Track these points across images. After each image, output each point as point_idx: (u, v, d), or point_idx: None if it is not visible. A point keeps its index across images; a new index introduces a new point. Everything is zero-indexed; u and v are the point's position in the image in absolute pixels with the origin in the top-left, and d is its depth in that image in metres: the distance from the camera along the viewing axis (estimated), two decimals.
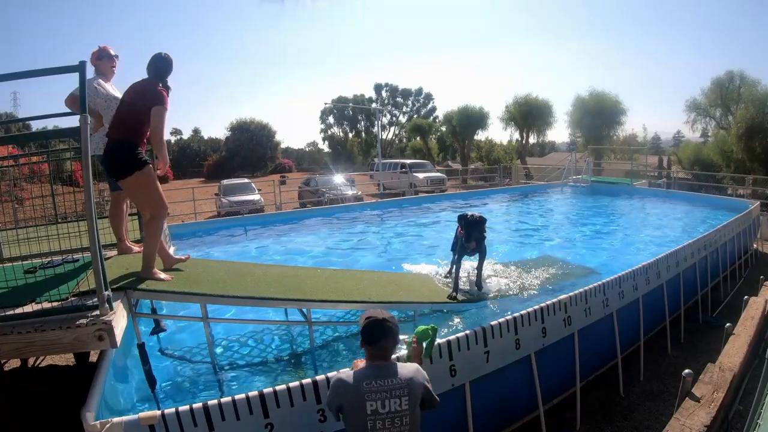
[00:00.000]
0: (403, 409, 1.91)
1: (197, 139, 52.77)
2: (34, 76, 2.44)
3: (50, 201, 5.39)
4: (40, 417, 3.05)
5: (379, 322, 2.05)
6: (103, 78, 3.78)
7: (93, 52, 3.79)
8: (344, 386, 1.95)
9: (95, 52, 3.79)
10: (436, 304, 4.27)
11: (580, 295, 3.89)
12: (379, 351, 2.04)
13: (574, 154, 17.40)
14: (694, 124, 24.20)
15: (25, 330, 2.24)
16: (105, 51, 3.82)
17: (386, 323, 2.05)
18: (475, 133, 32.43)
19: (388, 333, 2.04)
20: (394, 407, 1.90)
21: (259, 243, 8.36)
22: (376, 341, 2.03)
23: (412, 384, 1.96)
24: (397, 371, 1.99)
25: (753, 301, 4.62)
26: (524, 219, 10.69)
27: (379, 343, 2.02)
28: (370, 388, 1.91)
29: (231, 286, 3.44)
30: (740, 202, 10.61)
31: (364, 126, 49.91)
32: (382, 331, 2.03)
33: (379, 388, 1.91)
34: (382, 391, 1.91)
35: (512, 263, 5.94)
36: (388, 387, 1.92)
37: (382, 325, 2.04)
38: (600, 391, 4.19)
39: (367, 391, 1.90)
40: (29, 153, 8.50)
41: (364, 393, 1.90)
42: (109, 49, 3.85)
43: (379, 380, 1.93)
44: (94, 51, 3.80)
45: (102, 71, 3.81)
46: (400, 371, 1.99)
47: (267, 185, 16.59)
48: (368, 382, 1.92)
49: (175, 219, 12.07)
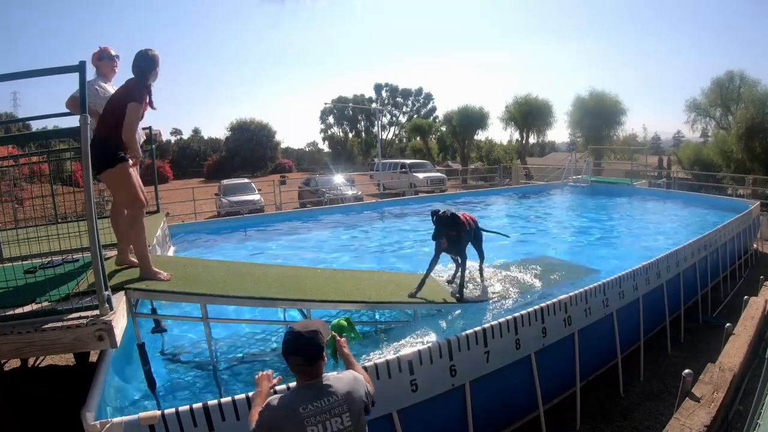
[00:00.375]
0: (345, 426, 1.78)
1: (197, 139, 52.74)
2: (34, 76, 2.44)
3: (50, 201, 5.39)
4: (40, 417, 3.05)
5: (293, 335, 1.83)
6: (104, 79, 3.77)
7: (94, 53, 3.78)
8: (279, 416, 1.75)
9: (96, 52, 3.78)
10: (435, 304, 4.27)
11: (580, 295, 3.89)
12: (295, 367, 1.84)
13: (574, 154, 17.41)
14: (694, 124, 24.21)
15: (25, 330, 2.24)
16: (106, 52, 3.80)
17: (301, 337, 1.82)
18: (475, 133, 32.42)
19: (298, 349, 1.81)
20: (337, 427, 1.76)
21: (259, 243, 8.36)
22: (287, 355, 1.84)
23: (351, 398, 1.83)
24: (332, 387, 1.82)
25: (753, 301, 4.62)
26: (524, 219, 10.69)
27: (290, 359, 1.83)
28: (308, 412, 1.74)
29: (231, 286, 3.44)
30: (740, 202, 10.61)
31: (364, 126, 49.92)
32: (294, 345, 1.82)
33: (318, 411, 1.75)
34: (321, 413, 1.76)
35: (512, 263, 5.94)
36: (326, 407, 1.77)
37: (295, 339, 1.82)
38: (600, 391, 4.19)
39: (306, 416, 1.73)
40: (29, 153, 8.50)
41: (303, 419, 1.73)
42: (110, 49, 3.83)
43: (315, 402, 1.77)
44: (95, 52, 3.78)
45: (103, 72, 3.79)
46: (335, 386, 1.83)
47: (267, 185, 16.59)
48: (305, 407, 1.75)
49: (175, 219, 12.07)
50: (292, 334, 1.84)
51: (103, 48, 3.81)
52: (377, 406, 2.57)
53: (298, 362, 1.82)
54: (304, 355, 1.81)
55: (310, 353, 1.81)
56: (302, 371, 1.84)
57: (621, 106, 24.69)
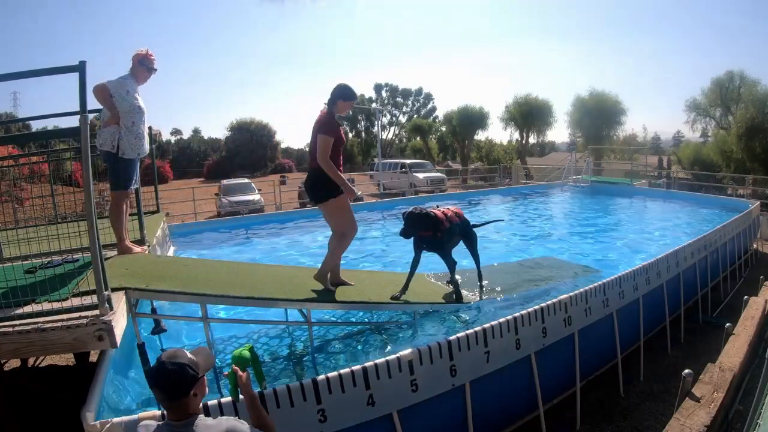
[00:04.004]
0: None
1: (197, 139, 52.72)
2: (34, 76, 2.43)
3: (50, 201, 5.39)
4: (40, 417, 3.05)
5: (156, 365, 1.57)
6: (133, 80, 3.77)
7: (139, 52, 3.77)
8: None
9: (141, 55, 3.77)
10: (435, 305, 4.27)
11: (580, 295, 3.89)
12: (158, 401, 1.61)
13: (574, 154, 17.40)
14: (694, 124, 24.25)
15: (25, 330, 2.23)
16: (148, 59, 3.80)
17: (162, 369, 1.54)
18: (475, 133, 32.43)
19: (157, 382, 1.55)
20: None
21: (259, 243, 8.36)
22: (150, 386, 1.60)
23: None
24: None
25: (753, 301, 4.62)
26: (524, 219, 10.69)
27: (153, 391, 1.59)
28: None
29: (231, 286, 3.43)
30: (740, 202, 10.61)
31: (364, 126, 49.86)
32: (154, 376, 1.56)
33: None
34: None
35: (512, 263, 5.94)
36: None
37: (156, 369, 1.56)
38: (600, 391, 4.19)
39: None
40: (29, 153, 8.50)
41: None
42: (155, 62, 3.84)
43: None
44: (140, 52, 3.78)
45: (135, 74, 3.79)
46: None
47: (267, 185, 16.59)
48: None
49: (176, 219, 12.06)
50: (157, 363, 1.58)
51: (149, 55, 3.81)
52: (377, 406, 2.58)
53: (159, 396, 1.58)
54: (163, 389, 1.56)
55: (170, 388, 1.55)
56: (166, 407, 1.60)
57: (621, 106, 24.73)
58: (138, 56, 3.77)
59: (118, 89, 3.61)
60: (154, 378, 1.56)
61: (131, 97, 3.68)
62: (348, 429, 2.51)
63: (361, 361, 3.08)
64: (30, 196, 6.72)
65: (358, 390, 2.53)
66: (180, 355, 1.60)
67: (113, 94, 3.59)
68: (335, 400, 2.44)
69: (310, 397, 2.36)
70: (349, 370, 2.52)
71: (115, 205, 3.84)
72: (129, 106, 3.66)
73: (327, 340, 4.09)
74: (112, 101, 3.59)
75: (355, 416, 2.53)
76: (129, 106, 3.66)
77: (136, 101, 3.72)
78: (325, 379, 2.41)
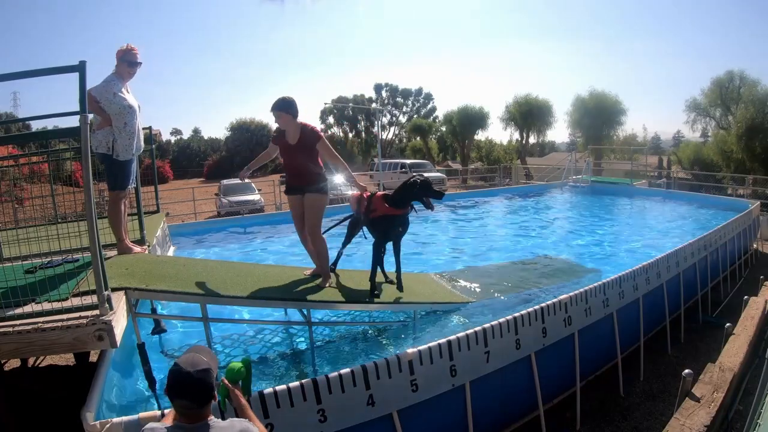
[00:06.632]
0: None
1: (197, 139, 52.74)
2: (34, 76, 2.43)
3: (50, 201, 5.38)
4: (40, 417, 3.05)
5: (180, 376, 1.57)
6: (119, 80, 3.68)
7: (120, 49, 3.68)
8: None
9: (123, 50, 3.68)
10: (435, 304, 4.27)
11: (580, 295, 3.89)
12: (180, 409, 1.61)
13: (574, 154, 17.44)
14: (694, 124, 24.18)
15: (25, 330, 2.23)
16: (130, 54, 3.70)
17: (189, 378, 1.56)
18: (475, 133, 32.38)
19: (184, 392, 1.57)
20: None
21: (259, 243, 8.36)
22: (172, 397, 1.60)
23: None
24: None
25: (753, 301, 4.63)
26: (524, 219, 10.68)
27: (175, 402, 1.59)
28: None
29: (231, 286, 3.43)
30: (740, 202, 10.61)
31: (364, 126, 49.82)
32: (180, 388, 1.57)
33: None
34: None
35: (512, 263, 5.94)
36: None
37: (182, 380, 1.56)
38: (600, 391, 4.19)
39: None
40: (29, 153, 8.49)
41: None
42: (137, 55, 3.74)
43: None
44: (122, 48, 3.68)
45: (120, 72, 3.70)
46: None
47: (267, 185, 16.58)
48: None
49: (175, 219, 12.06)
50: (179, 374, 1.57)
51: (131, 49, 3.70)
52: (377, 406, 2.58)
53: (185, 405, 1.57)
54: (193, 398, 1.56)
55: (200, 396, 1.56)
56: (188, 414, 1.59)
57: (621, 106, 24.69)
58: (120, 52, 3.68)
59: (103, 94, 3.53)
60: (182, 389, 1.55)
61: (119, 98, 3.60)
62: (348, 429, 2.51)
63: (361, 361, 3.08)
64: (30, 196, 6.72)
65: (358, 390, 2.53)
66: (198, 361, 1.60)
67: (99, 99, 3.50)
68: (335, 400, 2.44)
69: (310, 397, 2.36)
70: (349, 370, 2.52)
71: (113, 204, 3.83)
72: (119, 108, 3.59)
73: (327, 340, 4.09)
74: (99, 106, 3.52)
75: (355, 416, 2.53)
76: (118, 107, 3.58)
77: (125, 101, 3.63)
78: (325, 379, 2.41)
